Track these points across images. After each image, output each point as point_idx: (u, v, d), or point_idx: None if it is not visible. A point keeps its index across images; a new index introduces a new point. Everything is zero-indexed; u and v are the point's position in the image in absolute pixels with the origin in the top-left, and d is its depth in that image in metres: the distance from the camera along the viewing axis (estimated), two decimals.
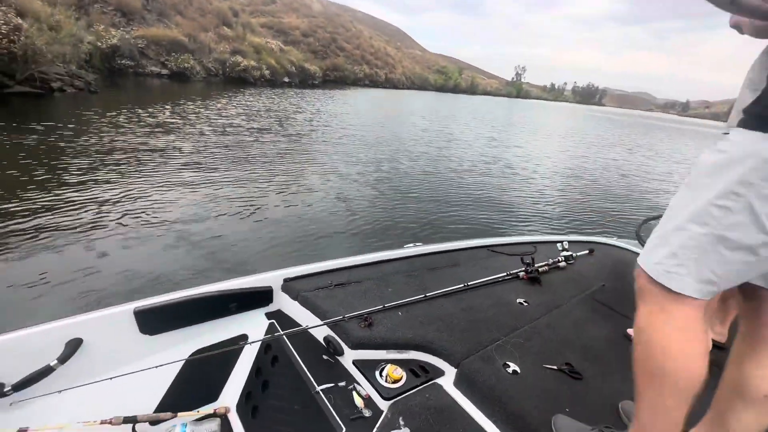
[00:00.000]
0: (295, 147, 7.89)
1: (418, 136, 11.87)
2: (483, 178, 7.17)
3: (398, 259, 1.87)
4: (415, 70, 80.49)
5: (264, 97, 17.35)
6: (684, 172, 11.30)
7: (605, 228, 5.27)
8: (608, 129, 26.90)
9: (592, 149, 14.25)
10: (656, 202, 7.10)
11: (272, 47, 32.25)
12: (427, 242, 2.08)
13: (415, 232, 4.32)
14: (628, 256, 2.27)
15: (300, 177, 5.83)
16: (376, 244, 3.92)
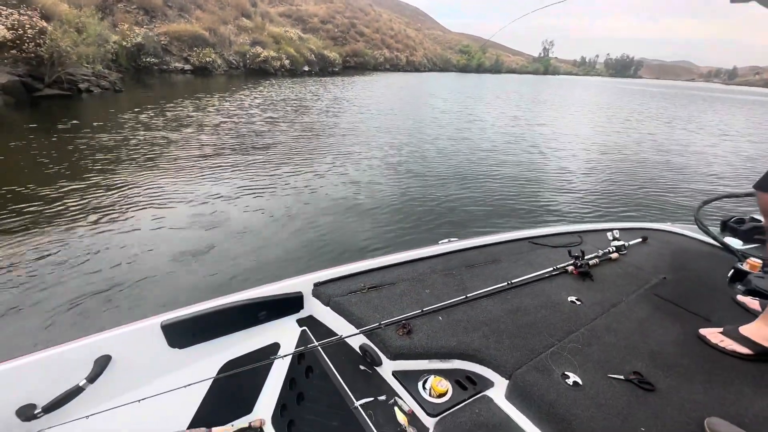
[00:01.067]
0: (315, 137, 7.83)
1: (439, 119, 11.54)
2: (511, 162, 6.86)
3: (434, 256, 1.73)
4: (436, 51, 78.28)
5: (283, 88, 17.38)
6: (732, 146, 10.39)
7: (653, 211, 4.88)
8: (643, 103, 25.20)
9: (627, 126, 13.38)
10: (706, 179, 6.54)
11: (291, 36, 32.12)
12: (463, 237, 1.93)
13: (448, 224, 4.13)
14: (687, 243, 2.02)
15: (322, 170, 5.76)
16: (410, 241, 3.73)
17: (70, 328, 2.29)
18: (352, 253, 3.45)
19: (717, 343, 1.18)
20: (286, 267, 3.18)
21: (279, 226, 3.88)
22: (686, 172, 7.02)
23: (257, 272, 3.08)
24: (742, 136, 12.65)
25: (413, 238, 3.81)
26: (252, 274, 3.05)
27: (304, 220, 4.02)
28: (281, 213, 4.16)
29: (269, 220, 3.99)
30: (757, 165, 8.16)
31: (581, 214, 4.59)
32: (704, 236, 2.01)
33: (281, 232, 3.75)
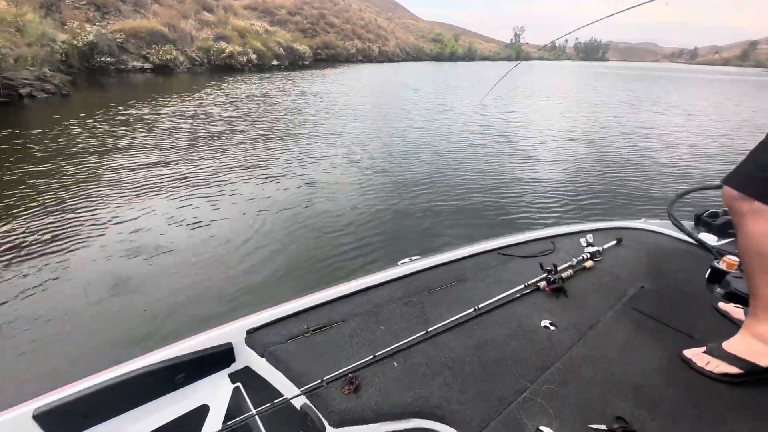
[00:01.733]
0: (275, 137, 7.48)
1: (409, 110, 11.32)
2: (480, 155, 6.73)
3: (392, 281, 1.52)
4: (409, 40, 77.64)
5: (249, 84, 16.72)
6: (697, 125, 10.62)
7: (623, 199, 4.81)
8: (611, 85, 25.68)
9: (595, 112, 13.53)
10: (675, 164, 6.59)
11: (257, 29, 30.99)
12: (427, 253, 1.74)
13: (413, 234, 3.77)
14: (663, 241, 1.92)
15: (276, 174, 5.45)
16: (366, 261, 3.25)
17: None
18: (299, 282, 2.96)
19: (703, 367, 1.09)
20: (219, 307, 2.64)
21: (221, 251, 3.36)
22: (655, 156, 7.06)
23: (183, 316, 2.55)
24: (706, 115, 12.98)
25: (371, 259, 3.31)
26: (177, 319, 2.52)
27: (250, 240, 3.55)
28: (224, 234, 3.63)
29: (207, 244, 3.47)
30: (723, 145, 8.32)
31: (551, 208, 4.45)
32: (679, 233, 1.94)
33: (222, 259, 3.21)
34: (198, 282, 2.89)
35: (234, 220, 3.90)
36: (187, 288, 2.82)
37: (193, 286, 2.84)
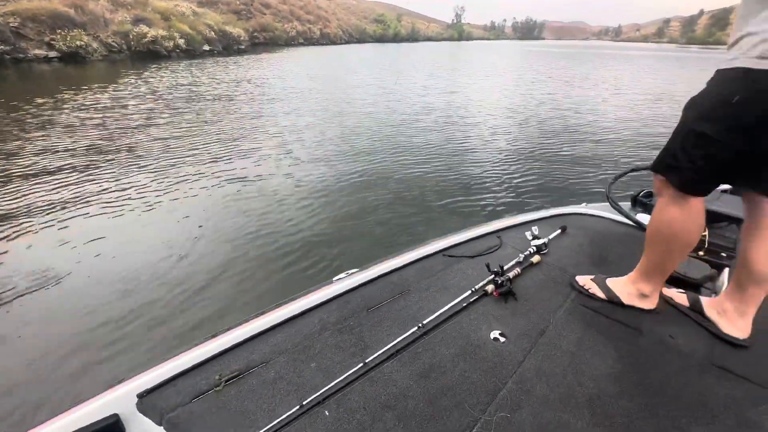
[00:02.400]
0: (195, 133, 6.84)
1: (350, 95, 10.95)
2: (420, 140, 6.62)
3: (324, 303, 1.32)
4: (351, 21, 75.59)
5: (176, 73, 15.29)
6: (627, 99, 11.34)
7: (565, 182, 4.85)
8: (547, 64, 26.85)
9: (532, 90, 14.00)
10: (609, 139, 6.92)
11: (183, 11, 28.42)
12: (365, 264, 1.54)
13: (350, 240, 3.28)
14: (604, 225, 1.92)
15: (191, 176, 4.93)
16: (296, 280, 2.71)
17: None
18: (208, 319, 2.36)
19: (582, 285, 1.36)
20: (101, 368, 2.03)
21: (107, 283, 2.68)
22: (589, 132, 7.36)
23: (50, 383, 1.95)
24: (630, 89, 13.93)
25: (304, 276, 2.83)
26: (42, 388, 1.92)
27: (153, 264, 2.89)
28: (120, 258, 2.95)
29: (97, 273, 2.77)
30: (646, 118, 8.91)
31: (495, 193, 4.36)
32: (619, 215, 1.96)
33: (112, 294, 2.57)
34: (78, 330, 2.26)
35: (135, 236, 3.34)
36: (58, 342, 2.17)
37: (71, 336, 2.22)
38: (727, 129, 0.92)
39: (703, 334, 1.18)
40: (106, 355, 2.11)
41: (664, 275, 1.21)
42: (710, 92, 0.98)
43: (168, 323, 2.33)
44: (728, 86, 0.93)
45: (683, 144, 1.03)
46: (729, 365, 1.07)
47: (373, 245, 3.29)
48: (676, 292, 1.35)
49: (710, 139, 0.95)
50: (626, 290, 1.27)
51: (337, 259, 3.05)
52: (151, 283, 2.67)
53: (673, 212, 1.09)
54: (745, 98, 0.88)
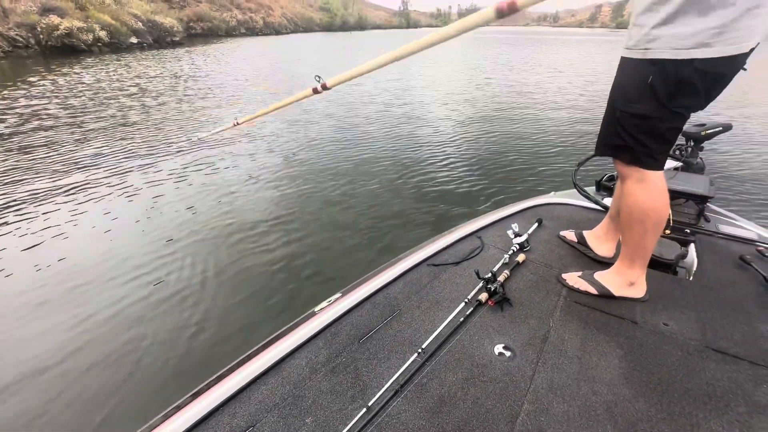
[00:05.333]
0: (103, 135, 5.94)
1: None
2: (376, 142, 6.19)
3: (310, 340, 1.17)
4: (296, 9, 72.58)
5: (93, 70, 13.56)
6: (567, 81, 11.59)
7: (532, 172, 4.69)
8: (495, 50, 27.31)
9: (487, 80, 14.00)
10: (561, 121, 6.87)
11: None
12: (346, 286, 1.40)
13: (321, 269, 2.80)
14: (575, 213, 1.99)
15: (109, 192, 4.21)
16: (272, 317, 2.29)
17: None
18: (173, 379, 1.90)
19: (572, 285, 1.38)
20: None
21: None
22: (548, 120, 7.30)
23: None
24: (570, 70, 14.36)
25: (286, 306, 2.39)
26: None
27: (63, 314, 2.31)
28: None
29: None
30: (590, 98, 9.08)
31: (463, 187, 4.03)
32: (587, 201, 2.04)
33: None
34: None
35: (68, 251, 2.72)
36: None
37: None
38: (652, 105, 1.07)
39: (692, 317, 1.24)
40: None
41: (645, 258, 1.28)
42: (627, 77, 1.13)
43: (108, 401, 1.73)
44: (638, 71, 1.07)
45: (623, 126, 1.15)
46: (722, 347, 1.12)
47: (352, 262, 2.87)
48: (567, 233, 1.70)
49: (644, 117, 1.10)
50: (615, 282, 1.32)
51: (312, 284, 2.60)
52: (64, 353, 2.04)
53: (639, 192, 1.18)
54: (656, 78, 1.03)
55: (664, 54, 1.00)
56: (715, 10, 0.92)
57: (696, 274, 1.48)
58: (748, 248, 1.65)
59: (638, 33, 1.05)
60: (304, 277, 2.68)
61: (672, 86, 1.02)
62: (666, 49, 1.00)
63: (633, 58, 1.09)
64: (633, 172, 1.19)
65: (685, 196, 1.85)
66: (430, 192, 4.09)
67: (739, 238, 1.73)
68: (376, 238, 3.18)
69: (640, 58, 1.06)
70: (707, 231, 1.77)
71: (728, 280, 1.43)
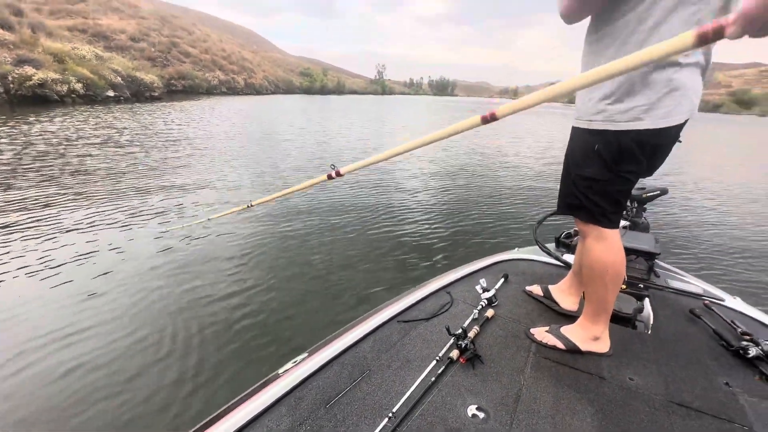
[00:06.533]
0: (54, 189, 5.66)
1: (265, 152, 10.41)
2: (349, 199, 6.23)
3: (272, 406, 1.07)
4: (278, 73, 76.95)
5: (56, 121, 13.38)
6: (531, 143, 12.49)
7: (496, 229, 4.79)
8: (463, 115, 29.47)
9: (455, 143, 14.86)
10: (528, 190, 7.23)
11: (84, 54, 26.06)
12: (314, 345, 1.36)
13: (287, 327, 2.59)
14: (538, 269, 2.04)
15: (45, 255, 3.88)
16: (231, 382, 2.04)
17: None
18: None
19: (540, 340, 1.41)
20: None
21: None
22: (512, 180, 7.68)
23: None
24: (529, 136, 15.58)
25: (246, 369, 2.15)
26: None
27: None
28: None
29: None
30: (547, 163, 9.74)
31: (432, 242, 4.00)
32: (547, 257, 2.12)
33: None
34: None
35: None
36: None
37: None
38: (600, 170, 1.19)
39: (654, 371, 1.28)
40: None
41: (608, 313, 1.34)
42: (578, 145, 1.25)
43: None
44: (586, 139, 1.21)
45: (578, 187, 1.27)
46: (686, 400, 1.16)
47: (319, 320, 2.67)
48: (533, 287, 1.75)
49: (595, 180, 1.21)
50: (580, 336, 1.37)
51: (276, 344, 2.37)
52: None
53: (598, 249, 1.27)
54: (601, 146, 1.16)
55: (606, 126, 1.14)
56: (642, 91, 1.08)
57: (653, 327, 1.54)
58: (696, 302, 1.74)
59: (584, 107, 1.20)
60: (267, 338, 2.44)
61: (615, 153, 1.15)
62: (607, 122, 1.14)
63: (581, 128, 1.23)
64: (592, 230, 1.28)
65: (635, 252, 1.95)
66: (399, 245, 4.04)
67: (687, 292, 1.82)
68: (345, 294, 3.02)
69: (586, 128, 1.20)
70: (658, 286, 1.86)
71: (683, 333, 1.50)
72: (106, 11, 46.46)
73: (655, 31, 1.03)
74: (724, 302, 1.75)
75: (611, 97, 1.12)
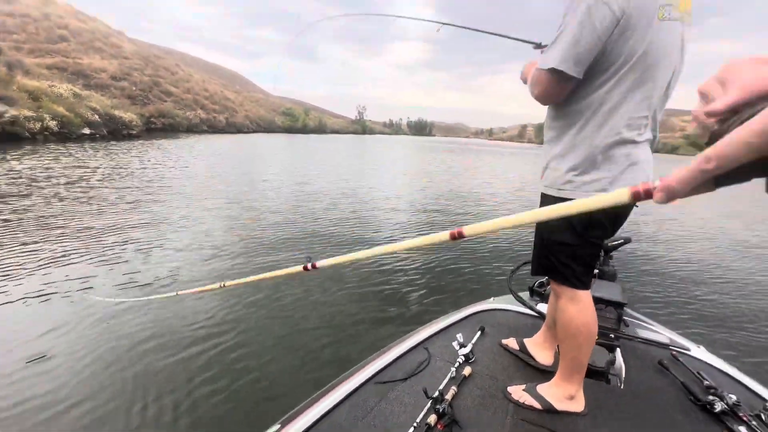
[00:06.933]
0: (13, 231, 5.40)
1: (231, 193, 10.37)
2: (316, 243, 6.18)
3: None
4: (259, 112, 78.28)
5: (25, 157, 13.00)
6: (503, 183, 12.94)
7: (471, 278, 4.79)
8: (439, 156, 30.57)
9: (430, 180, 15.25)
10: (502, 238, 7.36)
11: (61, 92, 25.86)
12: (290, 412, 1.31)
13: (260, 396, 2.43)
14: (513, 319, 2.07)
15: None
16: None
17: None
18: None
19: (518, 399, 1.42)
20: None
21: None
22: (476, 217, 7.82)
23: None
24: (506, 176, 16.19)
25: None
26: None
27: None
28: None
29: None
30: (522, 204, 10.07)
31: (408, 293, 3.96)
32: (523, 306, 2.15)
33: None
34: None
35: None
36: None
37: None
38: (571, 235, 1.26)
39: (629, 427, 1.31)
40: None
41: (581, 371, 1.36)
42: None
43: None
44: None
45: (551, 251, 1.33)
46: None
47: (293, 385, 2.48)
48: (509, 341, 1.76)
49: (566, 244, 1.28)
50: (556, 395, 1.39)
51: (244, 414, 2.18)
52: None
53: (571, 310, 1.32)
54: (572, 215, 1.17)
55: (575, 195, 1.22)
56: (605, 165, 1.19)
57: (625, 381, 1.58)
58: (664, 352, 1.79)
59: (553, 175, 1.29)
60: (237, 409, 2.26)
61: (585, 221, 1.23)
62: (576, 191, 1.23)
63: (551, 195, 1.31)
64: (565, 291, 1.34)
65: (604, 302, 2.00)
66: (376, 295, 3.97)
67: (655, 342, 1.87)
68: (319, 354, 2.88)
69: (556, 196, 1.28)
70: (628, 336, 1.90)
71: (654, 386, 1.54)
72: (88, 51, 46.81)
73: (614, 112, 1.16)
74: (689, 352, 1.81)
75: (578, 169, 1.23)
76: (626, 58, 1.10)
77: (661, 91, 1.18)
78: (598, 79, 1.16)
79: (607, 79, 1.14)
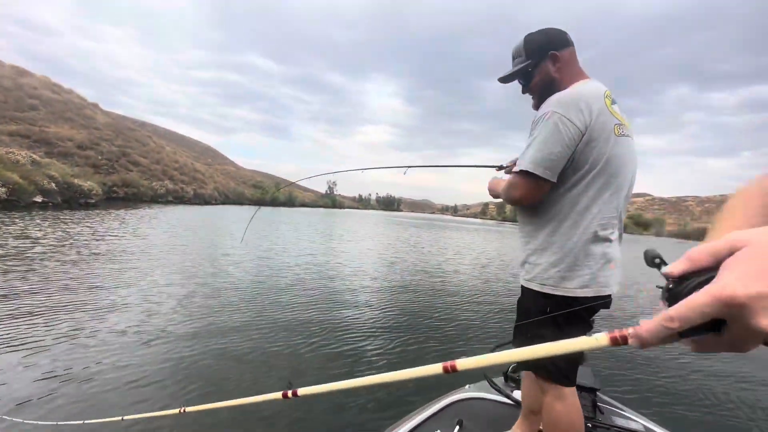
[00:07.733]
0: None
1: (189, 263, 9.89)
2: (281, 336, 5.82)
3: None
4: (229, 185, 78.70)
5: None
6: (472, 258, 13.13)
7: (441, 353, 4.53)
8: (407, 231, 31.24)
9: (397, 255, 15.31)
10: (466, 299, 7.29)
11: (18, 159, 24.99)
12: None
13: None
14: (490, 409, 2.03)
15: None
16: None
17: None
18: None
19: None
20: None
21: None
22: (460, 301, 7.74)
23: None
24: (475, 251, 16.55)
25: None
26: None
27: None
28: None
29: None
30: (491, 281, 10.16)
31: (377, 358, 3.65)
32: (499, 395, 2.13)
33: None
34: None
35: None
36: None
37: None
38: (554, 331, 1.27)
39: None
40: None
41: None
42: (530, 304, 1.36)
43: None
44: (537, 301, 1.33)
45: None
46: None
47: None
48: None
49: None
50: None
51: None
52: None
53: (558, 408, 1.32)
54: (553, 308, 1.28)
55: (556, 291, 1.29)
56: (585, 263, 1.26)
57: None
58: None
59: (533, 270, 1.34)
60: None
61: (568, 316, 1.27)
62: (557, 287, 1.29)
63: (532, 289, 1.35)
64: (551, 389, 1.34)
65: (579, 388, 2.01)
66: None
67: (630, 430, 1.87)
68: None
69: (537, 290, 1.33)
70: (605, 424, 1.90)
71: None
72: (58, 120, 46.67)
73: (587, 212, 1.27)
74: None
75: (559, 266, 1.29)
76: (592, 164, 1.24)
77: (624, 194, 1.32)
78: (569, 182, 1.27)
79: (577, 182, 1.26)
